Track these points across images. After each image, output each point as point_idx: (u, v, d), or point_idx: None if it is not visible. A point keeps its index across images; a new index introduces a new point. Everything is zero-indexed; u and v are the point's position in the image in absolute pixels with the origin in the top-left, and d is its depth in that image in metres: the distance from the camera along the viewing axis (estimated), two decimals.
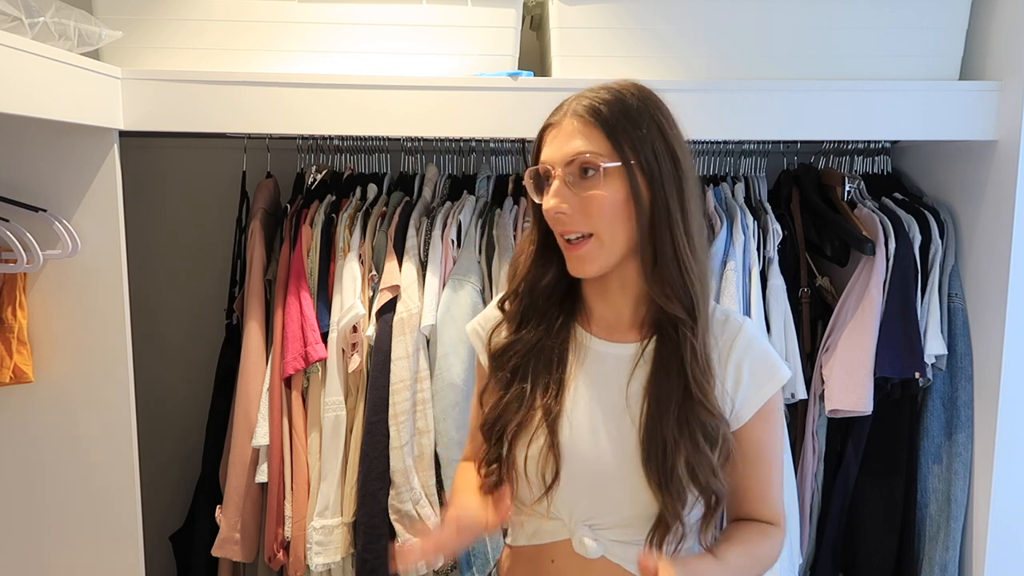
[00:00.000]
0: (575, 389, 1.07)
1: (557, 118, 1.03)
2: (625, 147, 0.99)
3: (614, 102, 1.01)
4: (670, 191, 1.00)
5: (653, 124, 1.01)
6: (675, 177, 1.01)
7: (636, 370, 1.05)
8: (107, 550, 1.49)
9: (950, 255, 1.70)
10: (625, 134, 0.99)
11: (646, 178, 0.99)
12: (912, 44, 1.61)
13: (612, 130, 0.99)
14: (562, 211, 1.00)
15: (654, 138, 1.00)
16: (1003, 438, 1.59)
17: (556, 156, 1.01)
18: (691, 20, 1.58)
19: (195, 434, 1.88)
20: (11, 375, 1.40)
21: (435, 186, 1.84)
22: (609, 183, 0.99)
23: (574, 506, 1.06)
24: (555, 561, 1.08)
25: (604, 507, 1.05)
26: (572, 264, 1.03)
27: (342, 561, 1.66)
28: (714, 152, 1.86)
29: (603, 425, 1.05)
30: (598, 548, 1.05)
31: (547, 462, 1.04)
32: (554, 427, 1.04)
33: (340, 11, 1.55)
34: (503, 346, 1.10)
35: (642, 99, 1.02)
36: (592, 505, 1.05)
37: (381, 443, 1.61)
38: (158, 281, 2.05)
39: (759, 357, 1.06)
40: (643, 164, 0.99)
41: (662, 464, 1.00)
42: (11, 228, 1.34)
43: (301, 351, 1.63)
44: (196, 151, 2.02)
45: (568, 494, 1.05)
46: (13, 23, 1.20)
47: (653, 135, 1.00)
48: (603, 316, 1.09)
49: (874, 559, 1.72)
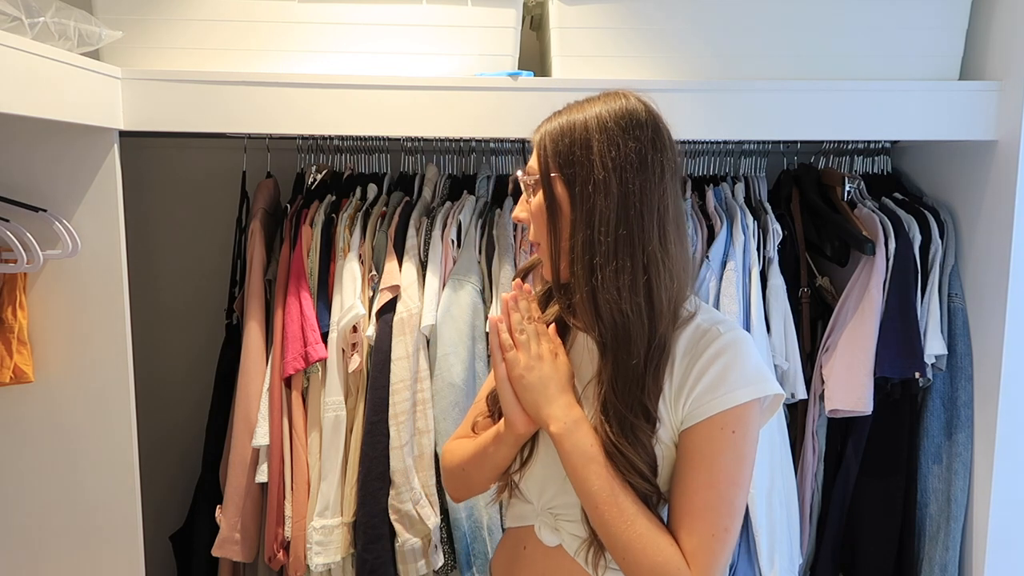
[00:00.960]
0: None
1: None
2: (558, 160, 1.02)
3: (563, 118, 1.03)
4: (596, 199, 0.98)
5: (593, 134, 1.00)
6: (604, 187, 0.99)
7: (593, 362, 1.06)
8: (107, 550, 1.49)
9: (950, 255, 1.70)
10: (553, 148, 1.02)
11: (569, 186, 1.01)
12: (912, 44, 1.61)
13: (544, 143, 1.04)
14: (520, 218, 1.09)
15: (589, 149, 0.99)
16: (1003, 438, 1.59)
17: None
18: (691, 20, 1.58)
19: (195, 434, 1.88)
20: (11, 375, 1.40)
21: (435, 186, 1.84)
22: (540, 189, 1.05)
23: (542, 491, 1.09)
24: (526, 548, 1.12)
25: (566, 498, 1.06)
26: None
27: (342, 561, 1.66)
28: (714, 152, 1.86)
29: None
30: (555, 537, 1.07)
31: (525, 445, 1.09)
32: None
33: (340, 11, 1.55)
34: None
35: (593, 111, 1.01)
36: (558, 494, 1.07)
37: (381, 443, 1.61)
38: (158, 281, 2.05)
39: (719, 371, 0.98)
40: (571, 175, 1.01)
41: None
42: (11, 228, 1.34)
43: (301, 351, 1.63)
44: (196, 151, 2.02)
45: (538, 478, 1.09)
46: (13, 23, 1.20)
47: (585, 146, 1.00)
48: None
49: (874, 559, 1.72)
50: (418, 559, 1.62)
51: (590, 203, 0.99)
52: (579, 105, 1.04)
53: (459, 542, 1.65)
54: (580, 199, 1.00)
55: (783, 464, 1.65)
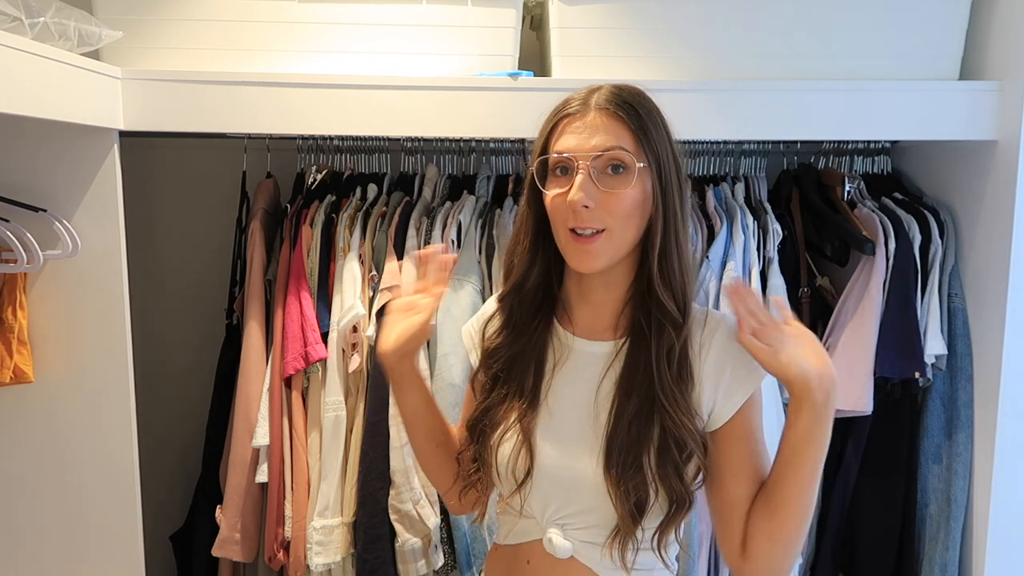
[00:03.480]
0: (553, 389, 1.07)
1: (576, 108, 1.01)
2: (649, 147, 0.99)
3: (638, 101, 1.01)
4: (677, 194, 1.02)
5: (663, 127, 1.03)
6: (679, 181, 1.03)
7: (609, 370, 1.05)
8: (107, 549, 1.49)
9: (950, 255, 1.70)
10: (650, 134, 1.00)
11: (660, 180, 1.01)
12: (912, 44, 1.61)
13: (640, 128, 0.99)
14: (588, 205, 0.98)
15: (667, 141, 1.02)
16: (1003, 438, 1.59)
17: (582, 148, 0.99)
18: (691, 20, 1.58)
19: (195, 434, 1.88)
20: (11, 375, 1.40)
21: (435, 186, 1.84)
22: (636, 181, 0.99)
23: (546, 505, 1.06)
24: (530, 562, 1.09)
25: (574, 507, 1.05)
26: (578, 258, 1.01)
27: (342, 561, 1.66)
28: (714, 152, 1.86)
29: (576, 425, 1.05)
30: (567, 548, 1.05)
31: (520, 461, 1.05)
32: (528, 428, 1.05)
33: (340, 11, 1.55)
34: (491, 349, 1.11)
35: (652, 102, 1.04)
36: (564, 505, 1.05)
37: (381, 443, 1.61)
38: (158, 281, 2.05)
39: (738, 354, 1.03)
40: (661, 165, 1.00)
41: (624, 465, 0.99)
42: (11, 228, 1.34)
43: (301, 351, 1.63)
44: (196, 151, 2.02)
45: (540, 493, 1.06)
46: (13, 23, 1.20)
47: (665, 138, 1.02)
48: (583, 316, 1.09)
49: (874, 559, 1.72)
50: (418, 559, 1.62)
51: (671, 190, 1.01)
52: (625, 88, 1.03)
53: (459, 542, 1.65)
54: (664, 186, 1.01)
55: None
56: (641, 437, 0.99)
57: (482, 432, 1.09)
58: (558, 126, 1.02)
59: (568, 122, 1.01)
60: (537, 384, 1.07)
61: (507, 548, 1.13)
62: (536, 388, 1.07)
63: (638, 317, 1.04)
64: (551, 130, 1.03)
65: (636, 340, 1.04)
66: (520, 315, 1.09)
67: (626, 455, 0.99)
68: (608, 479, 1.00)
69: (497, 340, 1.11)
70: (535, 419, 1.06)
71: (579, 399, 1.06)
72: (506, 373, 1.08)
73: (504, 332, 1.10)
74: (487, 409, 1.09)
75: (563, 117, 1.02)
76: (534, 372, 1.07)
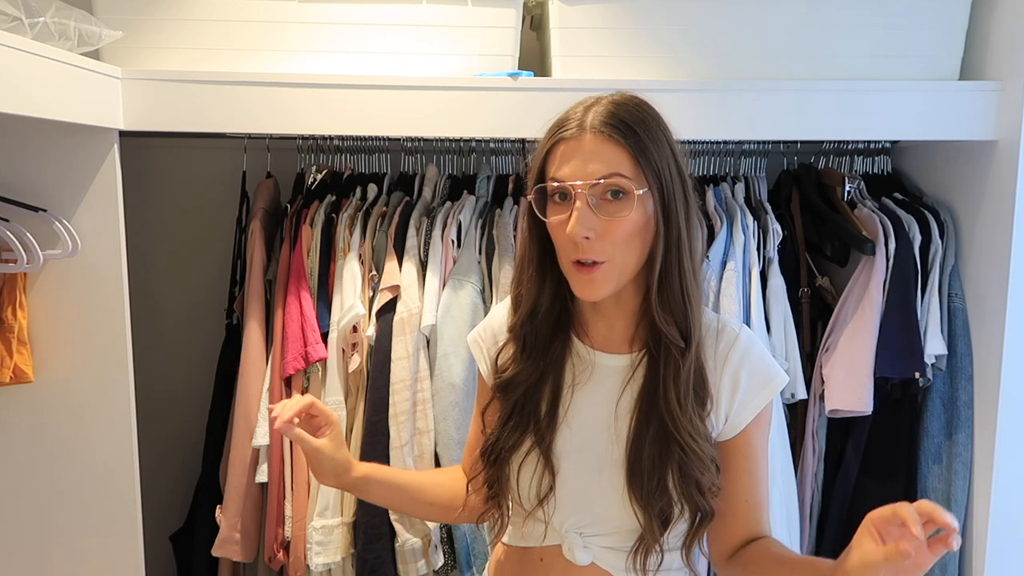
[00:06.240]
0: (573, 405, 1.06)
1: (572, 132, 0.96)
2: (650, 168, 0.95)
3: (637, 118, 0.96)
4: (682, 211, 0.98)
5: (665, 143, 0.97)
6: (684, 199, 0.99)
7: (627, 385, 1.04)
8: (107, 550, 1.49)
9: (950, 255, 1.70)
10: (649, 154, 0.95)
11: (663, 200, 0.96)
12: (912, 44, 1.61)
13: (639, 150, 0.94)
14: (588, 236, 0.94)
15: (669, 157, 0.97)
16: (1003, 438, 1.59)
17: (579, 175, 0.94)
18: (691, 20, 1.58)
19: (195, 434, 1.88)
20: (11, 375, 1.40)
21: (435, 186, 1.84)
22: (637, 206, 0.95)
23: (566, 517, 1.06)
24: (544, 560, 1.08)
25: (595, 518, 1.05)
26: (582, 287, 0.98)
27: (342, 561, 1.66)
28: (714, 152, 1.86)
29: (597, 441, 1.04)
30: (587, 555, 1.05)
31: (541, 481, 1.04)
32: (548, 448, 1.04)
33: (340, 11, 1.55)
34: (507, 380, 1.08)
35: (652, 115, 0.99)
36: (584, 516, 1.05)
37: (381, 443, 1.61)
38: (158, 281, 2.05)
39: (755, 366, 1.04)
40: (663, 185, 0.96)
41: (646, 480, 0.99)
42: (11, 228, 1.34)
43: (301, 351, 1.63)
44: (196, 151, 2.02)
45: (562, 507, 1.05)
46: (13, 23, 1.20)
47: (668, 154, 0.97)
48: (599, 329, 1.07)
49: None
50: (418, 559, 1.62)
51: (674, 208, 0.97)
52: (620, 103, 0.98)
53: (459, 542, 1.65)
54: (666, 205, 0.97)
55: (783, 464, 1.64)
56: (663, 459, 0.99)
57: (497, 455, 1.07)
58: (554, 150, 0.98)
59: (562, 147, 0.97)
60: (555, 404, 1.06)
61: (518, 550, 1.12)
62: (554, 408, 1.06)
63: (652, 333, 1.02)
64: (547, 154, 0.99)
65: (652, 357, 1.03)
66: (537, 340, 1.06)
67: (649, 478, 0.99)
68: (632, 495, 1.00)
69: (514, 370, 1.07)
70: (554, 437, 1.05)
71: (599, 413, 1.05)
72: (523, 400, 1.06)
73: (520, 359, 1.07)
74: (504, 435, 1.07)
75: (558, 142, 0.98)
76: (552, 392, 1.06)
